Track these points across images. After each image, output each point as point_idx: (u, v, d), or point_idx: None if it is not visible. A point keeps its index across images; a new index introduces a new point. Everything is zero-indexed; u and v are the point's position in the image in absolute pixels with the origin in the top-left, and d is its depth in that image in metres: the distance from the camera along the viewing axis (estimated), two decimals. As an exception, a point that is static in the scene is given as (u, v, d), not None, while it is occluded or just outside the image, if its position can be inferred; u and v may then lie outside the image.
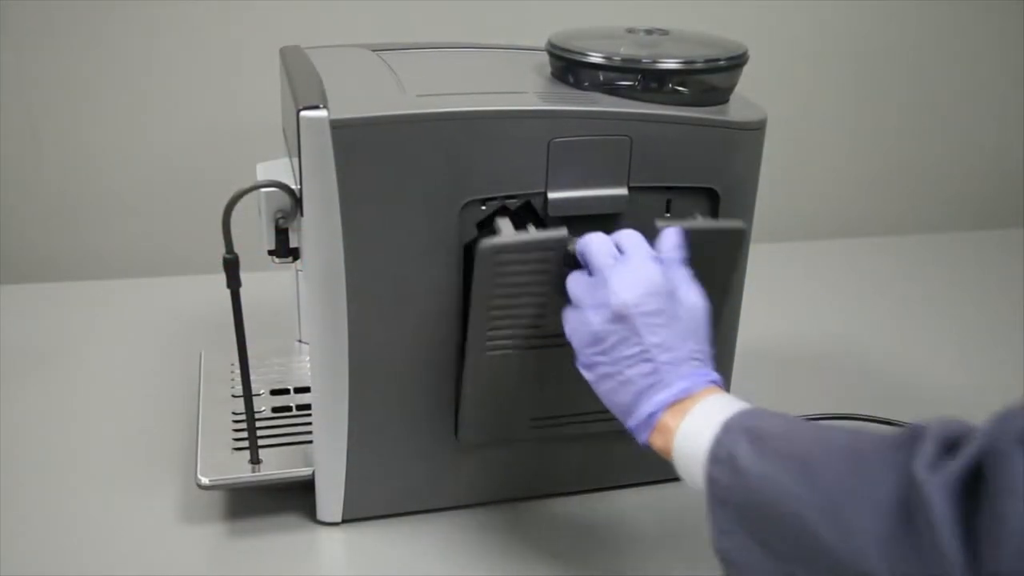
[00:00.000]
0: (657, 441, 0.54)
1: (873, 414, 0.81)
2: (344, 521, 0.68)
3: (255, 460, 0.68)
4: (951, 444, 0.41)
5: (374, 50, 0.74)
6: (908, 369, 0.92)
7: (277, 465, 0.68)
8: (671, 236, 0.58)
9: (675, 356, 0.54)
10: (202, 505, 0.69)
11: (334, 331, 0.62)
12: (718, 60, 0.64)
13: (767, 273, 0.91)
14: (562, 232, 0.59)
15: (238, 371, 0.66)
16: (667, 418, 0.53)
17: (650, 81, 0.63)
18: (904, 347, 0.97)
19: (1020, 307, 1.06)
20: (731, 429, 0.50)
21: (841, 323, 1.02)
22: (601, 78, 0.64)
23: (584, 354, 0.56)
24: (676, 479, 0.71)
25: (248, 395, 0.66)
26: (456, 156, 0.59)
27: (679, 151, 0.63)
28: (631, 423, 0.54)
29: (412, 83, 0.64)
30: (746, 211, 0.67)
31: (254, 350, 0.67)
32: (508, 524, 0.69)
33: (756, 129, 0.64)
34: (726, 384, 0.73)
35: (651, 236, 0.65)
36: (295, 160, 0.62)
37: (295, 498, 0.70)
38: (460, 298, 0.63)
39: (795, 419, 0.51)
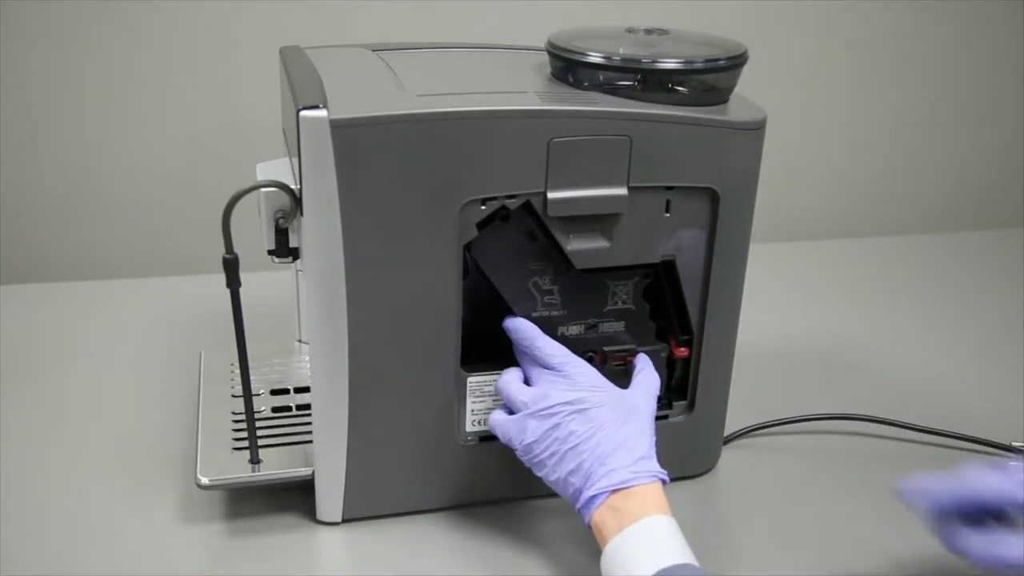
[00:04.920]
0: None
1: (873, 414, 0.81)
2: (344, 521, 0.68)
3: (255, 460, 0.68)
4: None
5: (374, 50, 0.74)
6: (908, 369, 0.92)
7: (277, 465, 0.68)
8: None
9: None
10: (202, 505, 0.69)
11: (334, 331, 0.62)
12: (718, 60, 0.64)
13: (767, 273, 0.91)
14: None
15: (238, 371, 0.66)
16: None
17: (650, 81, 0.63)
18: (904, 347, 0.97)
19: (1020, 307, 1.06)
20: None
21: (841, 323, 1.02)
22: (601, 78, 0.64)
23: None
24: (678, 479, 0.71)
25: (248, 395, 0.66)
26: (456, 156, 0.59)
27: (679, 151, 0.63)
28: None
29: (412, 83, 0.64)
30: (746, 211, 0.67)
31: (254, 350, 0.67)
32: (508, 524, 0.69)
33: (756, 129, 0.64)
34: (726, 384, 0.73)
35: (651, 236, 0.65)
36: (295, 160, 0.62)
37: (295, 498, 0.69)
38: (460, 298, 0.63)
39: None
